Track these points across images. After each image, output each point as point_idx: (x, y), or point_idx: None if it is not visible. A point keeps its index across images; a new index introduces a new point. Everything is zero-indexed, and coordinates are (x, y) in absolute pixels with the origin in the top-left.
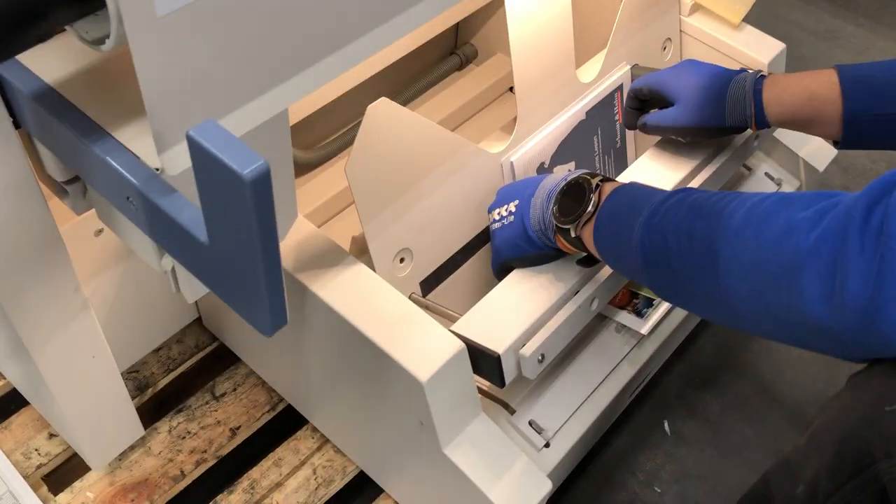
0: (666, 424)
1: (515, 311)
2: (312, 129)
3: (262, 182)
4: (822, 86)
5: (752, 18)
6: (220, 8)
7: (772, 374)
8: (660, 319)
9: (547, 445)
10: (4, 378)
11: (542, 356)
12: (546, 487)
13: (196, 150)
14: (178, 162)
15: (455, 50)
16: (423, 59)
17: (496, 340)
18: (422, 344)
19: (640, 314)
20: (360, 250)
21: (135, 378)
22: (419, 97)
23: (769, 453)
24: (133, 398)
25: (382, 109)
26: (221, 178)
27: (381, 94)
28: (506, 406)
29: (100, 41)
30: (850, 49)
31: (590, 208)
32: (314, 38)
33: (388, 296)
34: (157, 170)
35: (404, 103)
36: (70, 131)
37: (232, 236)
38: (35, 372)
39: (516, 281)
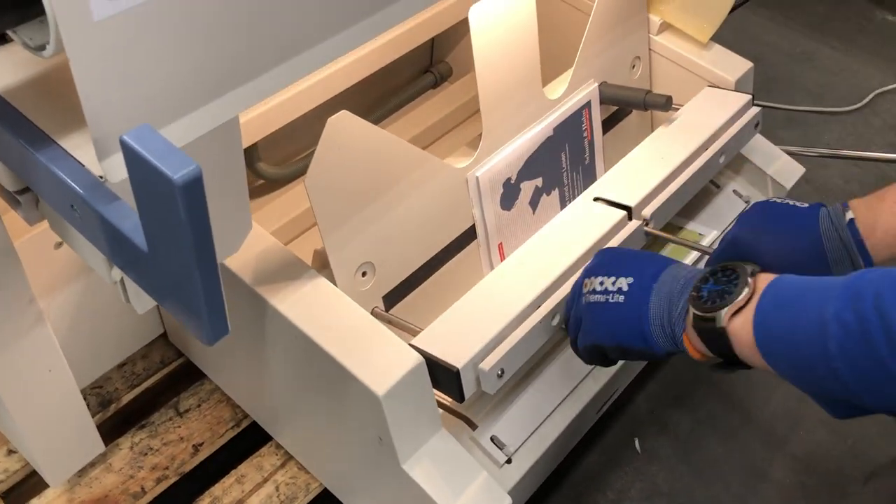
0: (637, 442)
1: (476, 325)
2: (285, 145)
3: (194, 186)
4: None
5: (727, 40)
6: (162, 14)
7: (744, 391)
8: None
9: (509, 461)
10: None
11: (502, 371)
12: (506, 503)
13: (129, 154)
14: (119, 169)
15: (430, 68)
16: (398, 76)
17: (455, 355)
18: (380, 357)
19: None
20: (322, 264)
21: (98, 393)
22: (393, 114)
23: (740, 470)
24: (96, 414)
25: (343, 122)
26: (155, 182)
27: (353, 110)
28: (468, 421)
29: (42, 47)
30: (824, 71)
31: (744, 295)
32: (262, 48)
33: (347, 309)
34: (102, 178)
35: (378, 120)
36: (15, 139)
37: (168, 243)
38: None
39: (479, 295)
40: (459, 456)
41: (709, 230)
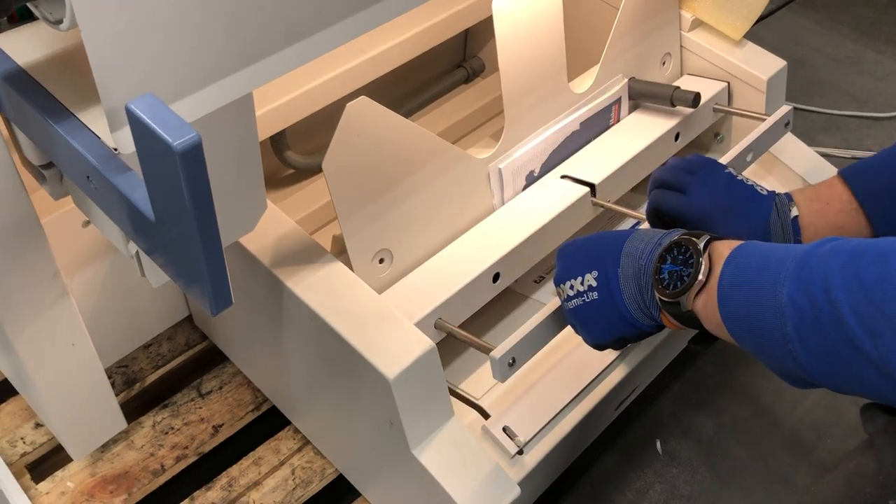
0: (658, 444)
1: (435, 286)
2: (315, 135)
3: (194, 154)
4: (847, 219)
5: (770, 42)
6: None
7: (771, 397)
8: None
9: (521, 452)
10: None
11: (513, 360)
12: (513, 493)
13: (134, 121)
14: (130, 141)
15: (463, 63)
16: (431, 70)
17: (412, 312)
18: (392, 342)
19: None
20: (341, 250)
21: (123, 372)
22: (425, 108)
23: (763, 477)
24: (121, 392)
25: (362, 108)
26: (157, 150)
27: (384, 102)
28: (481, 411)
29: (60, 21)
30: (868, 76)
31: (700, 276)
32: (274, 28)
33: (360, 293)
34: (115, 150)
35: (409, 112)
36: (37, 112)
37: (172, 212)
38: (17, 359)
39: (443, 260)
40: (470, 444)
41: None
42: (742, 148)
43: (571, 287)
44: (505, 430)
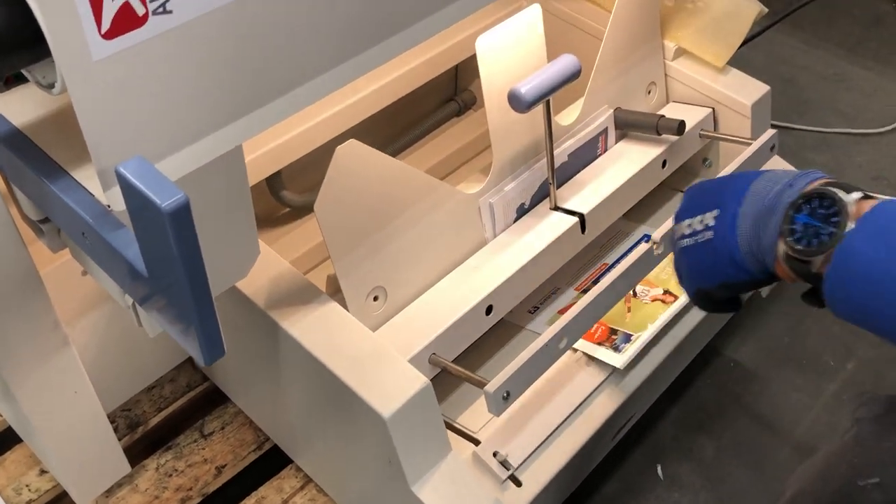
0: (659, 468)
1: (426, 323)
2: (310, 173)
3: (182, 214)
4: None
5: (758, 63)
6: (158, 54)
7: (771, 417)
8: (636, 353)
9: (519, 484)
10: (1, 416)
11: (508, 393)
12: None
13: (124, 184)
14: (122, 199)
15: (454, 97)
16: (422, 104)
17: (406, 347)
18: (387, 380)
19: (617, 349)
20: (336, 289)
21: (126, 416)
22: (417, 142)
23: (766, 498)
24: (124, 436)
25: (351, 150)
26: (147, 210)
27: (378, 138)
28: (476, 443)
29: (52, 85)
30: (857, 92)
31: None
32: (258, 83)
33: (355, 332)
34: (109, 207)
35: (402, 147)
36: (33, 171)
37: (163, 268)
38: (20, 408)
39: (435, 295)
40: (469, 479)
41: None
42: (729, 172)
43: (689, 225)
44: (503, 463)
